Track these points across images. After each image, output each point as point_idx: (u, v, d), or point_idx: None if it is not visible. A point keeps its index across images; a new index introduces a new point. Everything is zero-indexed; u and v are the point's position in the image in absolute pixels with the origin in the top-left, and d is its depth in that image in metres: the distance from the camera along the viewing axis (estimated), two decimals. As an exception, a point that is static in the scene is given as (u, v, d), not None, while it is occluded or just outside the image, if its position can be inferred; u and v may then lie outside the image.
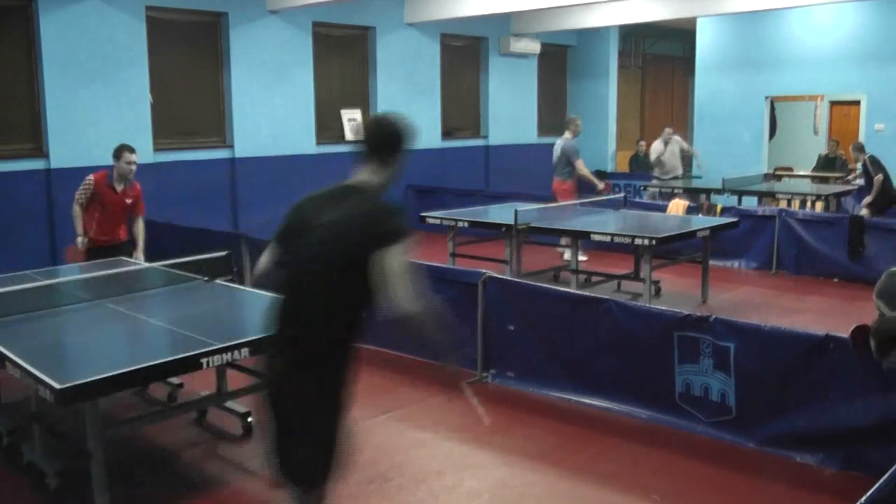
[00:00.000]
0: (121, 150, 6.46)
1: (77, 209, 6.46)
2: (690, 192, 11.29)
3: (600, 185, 10.02)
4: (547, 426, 4.81)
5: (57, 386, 3.22)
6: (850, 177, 11.94)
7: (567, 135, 9.72)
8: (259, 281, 3.06)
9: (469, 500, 3.93)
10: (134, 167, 6.45)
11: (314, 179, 12.79)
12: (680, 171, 12.23)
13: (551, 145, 15.37)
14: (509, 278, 5.82)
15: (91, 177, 6.48)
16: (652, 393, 4.81)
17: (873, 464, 3.81)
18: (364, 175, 2.93)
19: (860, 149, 10.23)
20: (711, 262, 7.73)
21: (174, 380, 4.98)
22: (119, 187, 6.46)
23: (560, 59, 15.72)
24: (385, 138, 2.94)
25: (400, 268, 2.69)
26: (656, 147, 11.99)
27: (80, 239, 6.43)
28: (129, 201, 6.52)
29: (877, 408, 3.98)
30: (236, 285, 5.24)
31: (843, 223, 8.59)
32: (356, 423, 2.95)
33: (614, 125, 15.79)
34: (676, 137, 12.07)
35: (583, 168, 9.71)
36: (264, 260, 3.06)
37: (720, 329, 4.48)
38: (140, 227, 6.62)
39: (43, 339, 4.20)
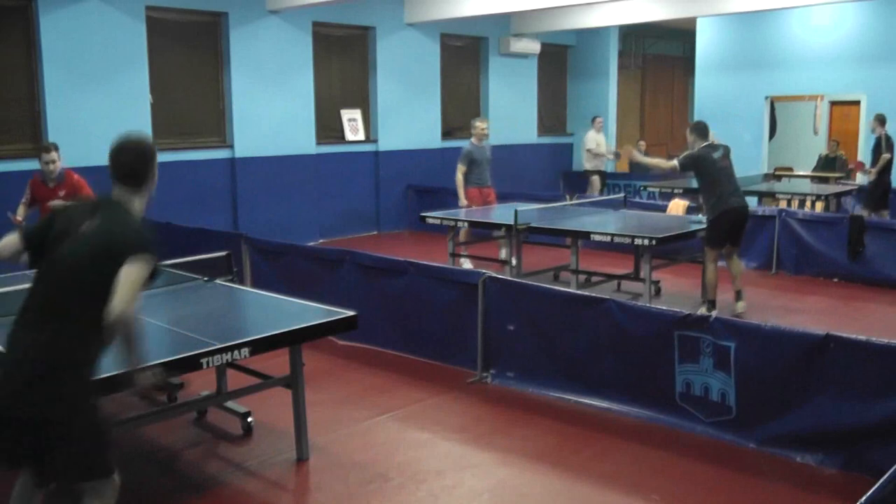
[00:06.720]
0: (38, 152, 6.66)
1: (21, 209, 6.63)
2: (690, 193, 11.28)
3: (463, 201, 9.06)
4: (546, 426, 4.81)
5: (57, 386, 3.21)
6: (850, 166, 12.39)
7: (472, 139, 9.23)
8: None
9: (469, 500, 3.93)
10: (52, 165, 6.52)
11: (314, 179, 12.86)
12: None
13: (552, 145, 15.51)
14: (509, 278, 5.82)
15: (30, 180, 6.69)
16: (652, 393, 4.81)
17: (873, 464, 3.82)
18: (118, 192, 3.01)
19: (882, 121, 10.55)
20: (711, 262, 7.71)
21: (174, 380, 4.96)
22: (51, 184, 6.57)
23: (560, 59, 15.72)
24: (128, 167, 2.99)
25: (130, 277, 2.80)
26: (592, 136, 13.03)
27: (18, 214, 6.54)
28: (61, 193, 6.57)
29: (877, 408, 3.97)
30: (236, 285, 5.24)
31: (843, 223, 8.58)
32: (357, 423, 2.91)
33: (614, 125, 15.79)
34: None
35: (458, 174, 9.08)
36: (8, 241, 3.08)
37: (720, 328, 4.48)
38: None
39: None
